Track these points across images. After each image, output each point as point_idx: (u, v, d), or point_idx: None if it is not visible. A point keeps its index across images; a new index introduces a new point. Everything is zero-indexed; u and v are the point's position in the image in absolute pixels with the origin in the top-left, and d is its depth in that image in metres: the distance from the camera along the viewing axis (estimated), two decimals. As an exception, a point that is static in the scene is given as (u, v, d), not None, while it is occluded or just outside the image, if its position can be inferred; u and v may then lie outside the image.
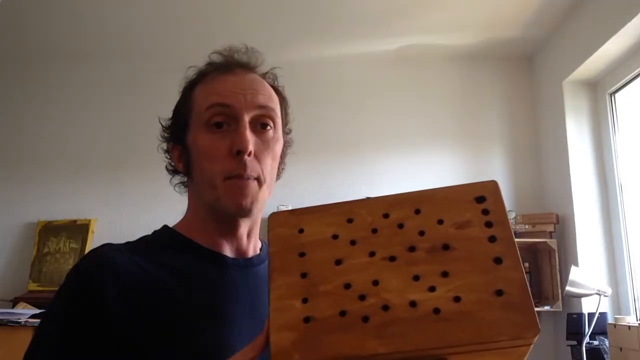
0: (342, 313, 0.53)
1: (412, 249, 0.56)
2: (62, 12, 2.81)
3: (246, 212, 0.76)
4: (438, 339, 0.51)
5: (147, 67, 3.28)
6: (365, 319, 0.53)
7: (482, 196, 0.59)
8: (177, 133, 0.82)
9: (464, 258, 0.55)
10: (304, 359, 0.52)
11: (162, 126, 0.85)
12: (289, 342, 0.52)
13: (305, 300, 0.55)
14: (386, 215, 0.59)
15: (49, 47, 3.19)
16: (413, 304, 0.53)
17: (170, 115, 0.85)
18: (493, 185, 0.60)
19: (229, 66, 0.81)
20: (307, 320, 0.53)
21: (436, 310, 0.52)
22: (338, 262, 0.57)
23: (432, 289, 0.54)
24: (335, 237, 0.58)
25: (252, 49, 0.84)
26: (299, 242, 0.59)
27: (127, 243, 0.77)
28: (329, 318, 0.53)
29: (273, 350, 0.52)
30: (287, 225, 0.60)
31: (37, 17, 2.87)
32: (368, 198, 0.61)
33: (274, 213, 0.62)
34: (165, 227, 0.82)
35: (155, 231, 0.82)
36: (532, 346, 0.53)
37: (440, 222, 0.58)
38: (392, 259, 0.56)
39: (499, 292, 0.53)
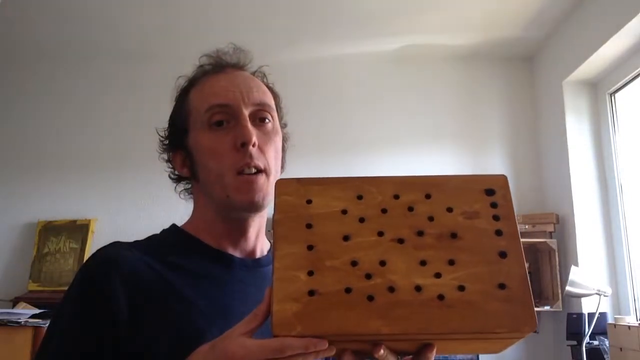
0: (348, 290, 0.54)
1: (420, 233, 0.57)
2: (64, 12, 2.81)
3: (258, 207, 0.77)
4: (441, 325, 0.52)
5: (146, 67, 3.27)
6: (370, 298, 0.53)
7: (492, 189, 0.60)
8: (177, 140, 0.82)
9: (471, 248, 0.56)
10: (306, 331, 0.52)
11: (160, 136, 0.85)
12: (292, 313, 0.52)
13: (310, 273, 0.54)
14: (397, 196, 0.59)
15: (49, 47, 3.19)
16: (418, 288, 0.54)
17: (167, 121, 0.86)
18: (503, 180, 0.61)
19: (221, 67, 0.82)
20: (311, 293, 0.53)
21: (440, 297, 0.53)
22: (346, 238, 0.57)
23: (437, 275, 0.54)
24: (344, 212, 0.58)
25: (240, 48, 0.85)
26: (307, 212, 0.58)
27: (136, 241, 0.78)
28: (334, 293, 0.53)
29: (275, 320, 0.52)
30: (295, 194, 0.59)
31: (40, 17, 2.87)
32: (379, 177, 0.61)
33: (281, 179, 0.61)
34: (173, 226, 0.83)
35: (163, 230, 0.83)
36: (520, 339, 0.55)
37: (449, 209, 0.58)
38: (401, 241, 0.56)
39: (502, 286, 0.54)
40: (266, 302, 0.55)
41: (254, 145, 0.75)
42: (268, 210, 0.82)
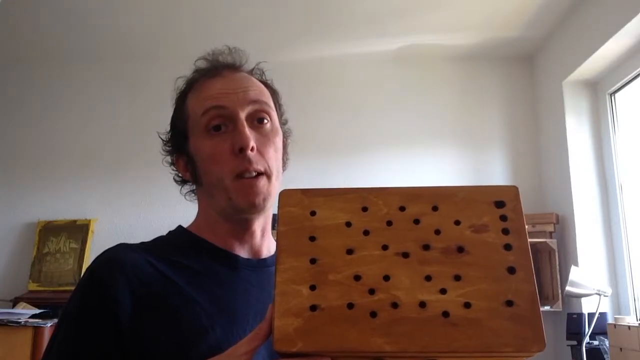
0: (350, 305, 0.53)
1: (426, 247, 0.55)
2: (64, 12, 2.81)
3: (259, 208, 0.77)
4: (445, 344, 0.51)
5: (147, 68, 3.27)
6: (373, 315, 0.52)
7: (502, 201, 0.58)
8: (178, 144, 0.83)
9: (478, 263, 0.54)
10: (307, 347, 0.51)
11: (163, 140, 0.86)
12: (293, 328, 0.51)
13: (312, 288, 0.53)
14: (402, 208, 0.57)
15: (50, 47, 3.19)
16: (422, 304, 0.53)
17: (168, 124, 0.86)
18: (514, 191, 0.59)
19: (216, 69, 0.82)
20: (313, 308, 0.52)
21: (445, 314, 0.52)
22: (349, 251, 0.55)
23: (443, 291, 0.53)
24: (348, 224, 0.57)
25: (235, 48, 0.85)
26: (311, 224, 0.57)
27: (142, 243, 0.79)
28: (336, 309, 0.52)
29: (276, 335, 0.52)
30: (299, 205, 0.58)
31: (38, 18, 2.87)
32: (385, 187, 0.60)
33: (285, 190, 0.60)
34: (179, 227, 0.84)
35: (170, 232, 0.84)
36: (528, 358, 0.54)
37: (457, 222, 0.57)
38: (405, 255, 0.55)
39: (509, 303, 0.53)
40: (268, 319, 0.55)
41: (252, 150, 0.75)
42: (274, 210, 0.82)
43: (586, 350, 2.37)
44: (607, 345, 2.41)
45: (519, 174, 3.16)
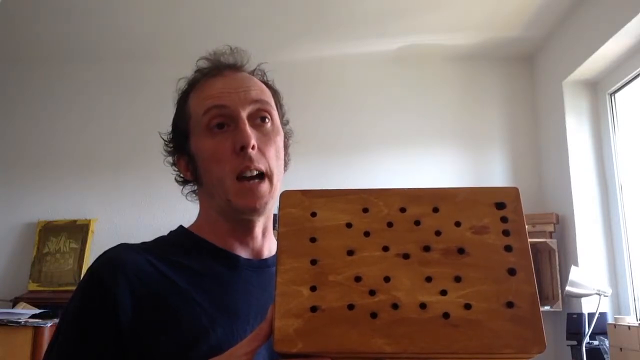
0: (350, 306, 0.53)
1: (426, 248, 0.55)
2: (64, 12, 2.81)
3: (259, 212, 0.77)
4: (445, 345, 0.51)
5: (147, 68, 3.28)
6: (374, 315, 0.52)
7: (503, 202, 0.58)
8: (179, 144, 0.83)
9: (478, 265, 0.55)
10: (307, 348, 0.51)
11: (164, 140, 0.86)
12: (293, 329, 0.52)
13: (313, 288, 0.53)
14: (403, 210, 0.57)
15: (50, 47, 3.19)
16: (423, 305, 0.53)
17: (169, 125, 0.87)
18: (514, 193, 0.59)
19: (218, 69, 0.83)
20: (313, 309, 0.52)
21: (445, 315, 0.52)
22: (350, 252, 0.55)
23: (443, 292, 0.53)
24: (349, 225, 0.57)
25: (237, 48, 0.86)
26: (311, 226, 0.57)
27: (143, 243, 0.79)
28: (337, 310, 0.52)
29: (276, 336, 0.52)
30: (299, 206, 0.58)
31: (38, 18, 2.87)
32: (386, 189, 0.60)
33: (286, 191, 0.60)
34: (180, 227, 0.84)
35: (171, 232, 0.84)
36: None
37: (457, 224, 0.57)
38: (406, 256, 0.55)
39: (510, 304, 0.53)
40: (268, 320, 0.55)
41: (253, 148, 0.75)
42: (275, 210, 0.82)
43: (586, 350, 2.37)
44: (607, 345, 2.41)
45: (519, 174, 3.16)
